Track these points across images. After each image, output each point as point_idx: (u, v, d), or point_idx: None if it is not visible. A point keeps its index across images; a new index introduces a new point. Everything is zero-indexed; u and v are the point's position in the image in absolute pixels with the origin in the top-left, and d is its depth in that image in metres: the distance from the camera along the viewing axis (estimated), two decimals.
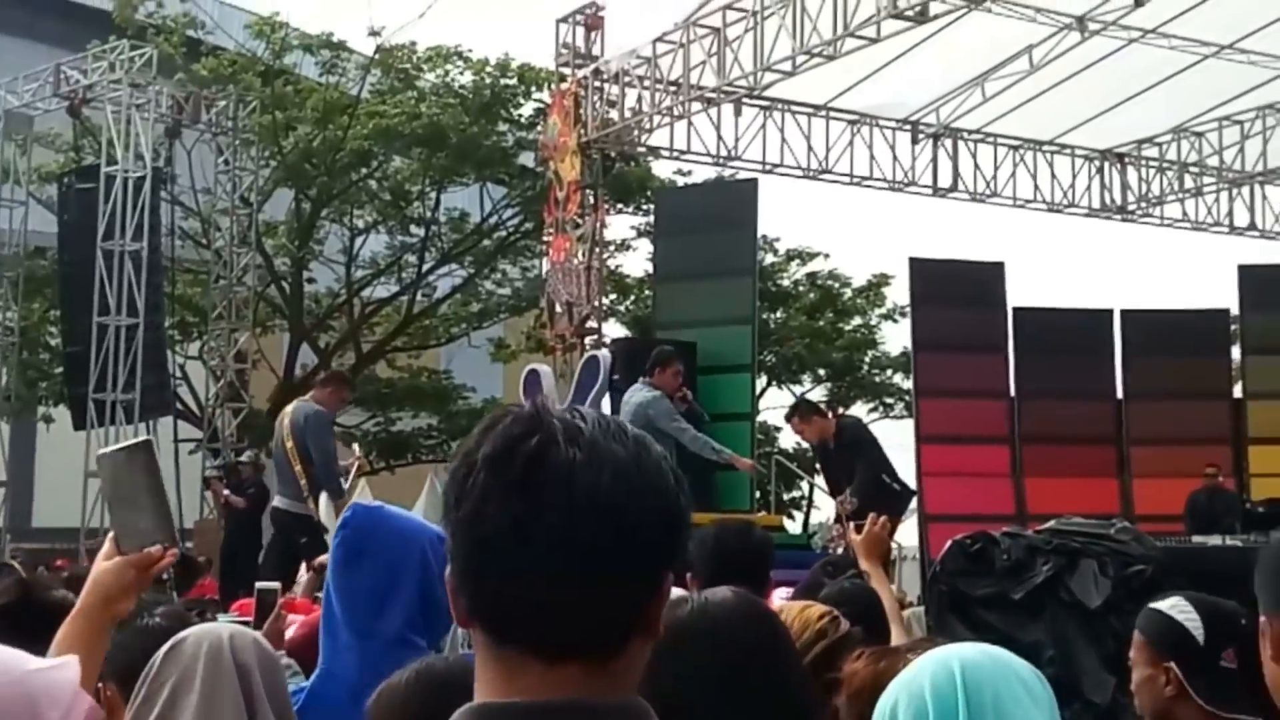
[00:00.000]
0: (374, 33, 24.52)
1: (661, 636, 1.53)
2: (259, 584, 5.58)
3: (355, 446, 14.29)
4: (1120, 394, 19.07)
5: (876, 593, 4.62)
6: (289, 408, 11.88)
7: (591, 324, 17.67)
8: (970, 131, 19.61)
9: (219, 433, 22.33)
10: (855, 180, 19.12)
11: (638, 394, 11.66)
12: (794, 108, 18.48)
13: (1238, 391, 19.80)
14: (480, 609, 1.46)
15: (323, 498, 10.79)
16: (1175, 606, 3.53)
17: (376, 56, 25.03)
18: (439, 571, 2.82)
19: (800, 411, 12.79)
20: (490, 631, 1.46)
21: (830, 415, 12.36)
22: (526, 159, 24.96)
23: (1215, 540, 11.14)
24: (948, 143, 19.64)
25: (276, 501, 11.91)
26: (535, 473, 1.43)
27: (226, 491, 16.66)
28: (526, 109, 25.43)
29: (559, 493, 1.42)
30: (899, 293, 27.80)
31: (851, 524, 4.92)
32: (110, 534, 2.48)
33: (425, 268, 26.97)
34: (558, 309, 17.60)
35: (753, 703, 2.12)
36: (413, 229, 26.89)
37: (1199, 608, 3.52)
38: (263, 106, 23.46)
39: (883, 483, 11.62)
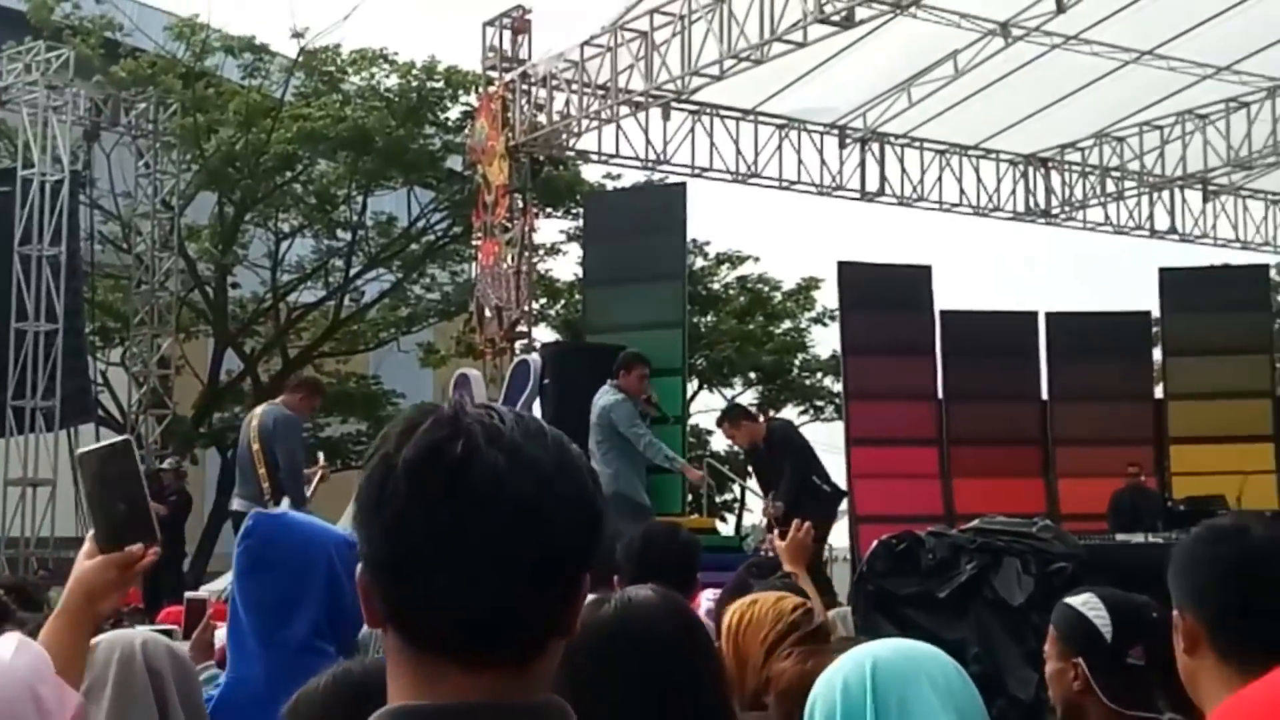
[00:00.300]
0: (297, 35, 24.39)
1: (584, 635, 1.52)
2: (188, 594, 5.56)
3: (320, 455, 14.15)
4: (1045, 395, 19.29)
5: (806, 592, 4.65)
6: (258, 410, 11.78)
7: (521, 328, 17.67)
8: (897, 136, 19.77)
9: (142, 440, 22.05)
10: (784, 184, 19.22)
11: (604, 396, 11.85)
12: (722, 112, 18.55)
13: (1159, 392, 20.09)
14: (401, 615, 1.44)
15: (284, 504, 10.72)
16: (1086, 603, 3.57)
17: (300, 59, 24.84)
18: (347, 578, 2.84)
19: (730, 417, 12.85)
20: (409, 637, 1.44)
21: (760, 419, 12.41)
22: (454, 163, 24.86)
23: (1138, 538, 11.31)
24: (875, 147, 19.78)
25: (235, 504, 11.78)
26: (460, 480, 1.41)
27: None
28: (454, 112, 25.33)
29: (486, 501, 1.40)
30: (828, 296, 27.97)
31: (775, 530, 4.94)
32: (90, 533, 2.46)
33: (352, 272, 26.73)
34: (487, 313, 17.57)
35: (672, 701, 2.12)
36: (339, 233, 26.64)
37: (1109, 604, 3.56)
38: (184, 109, 23.17)
39: (811, 485, 11.66)
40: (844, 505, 16.62)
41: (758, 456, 12.49)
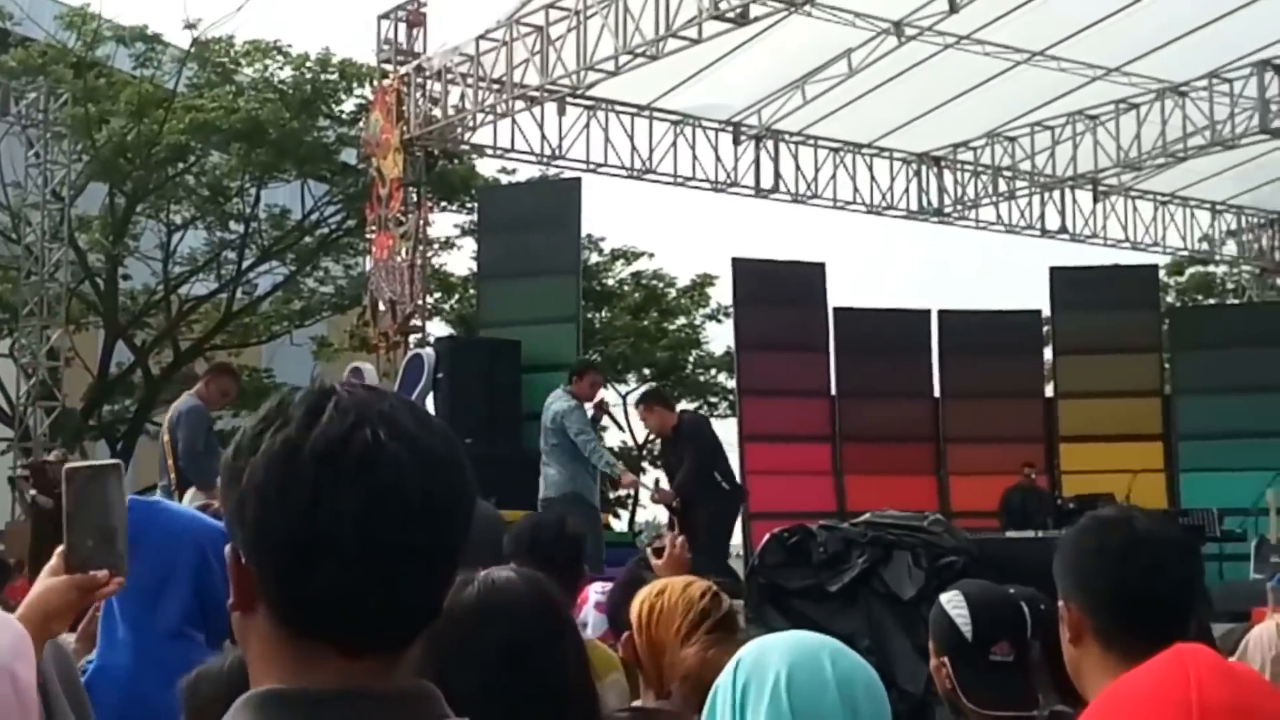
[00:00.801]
0: (190, 25, 24.13)
1: (448, 617, 1.53)
2: None
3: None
4: (937, 393, 19.47)
5: None
6: (177, 401, 11.71)
7: (415, 322, 17.53)
8: (791, 133, 19.85)
9: (31, 432, 21.69)
10: (679, 180, 19.23)
11: (557, 401, 12.04)
12: (618, 107, 18.53)
13: (1050, 391, 20.35)
14: (287, 601, 1.42)
15: (189, 492, 10.56)
16: (950, 600, 3.54)
17: (193, 50, 24.56)
18: (220, 567, 2.81)
19: (646, 400, 12.94)
20: (290, 622, 1.42)
21: (676, 409, 12.40)
22: (348, 155, 24.68)
23: (1028, 534, 11.45)
24: (769, 144, 19.85)
25: (155, 495, 11.66)
26: (367, 470, 1.40)
27: (33, 492, 16.19)
28: (348, 105, 25.21)
29: (390, 492, 1.40)
30: (722, 293, 28.08)
31: (650, 549, 4.90)
32: (59, 550, 2.40)
33: (245, 265, 26.55)
34: (381, 307, 17.44)
35: (533, 683, 2.12)
36: (232, 225, 26.45)
37: (972, 601, 3.51)
38: (75, 99, 22.83)
39: (711, 480, 11.68)
40: None
41: (665, 445, 12.51)
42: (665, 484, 12.20)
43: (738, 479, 12.62)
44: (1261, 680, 1.47)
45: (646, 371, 30.67)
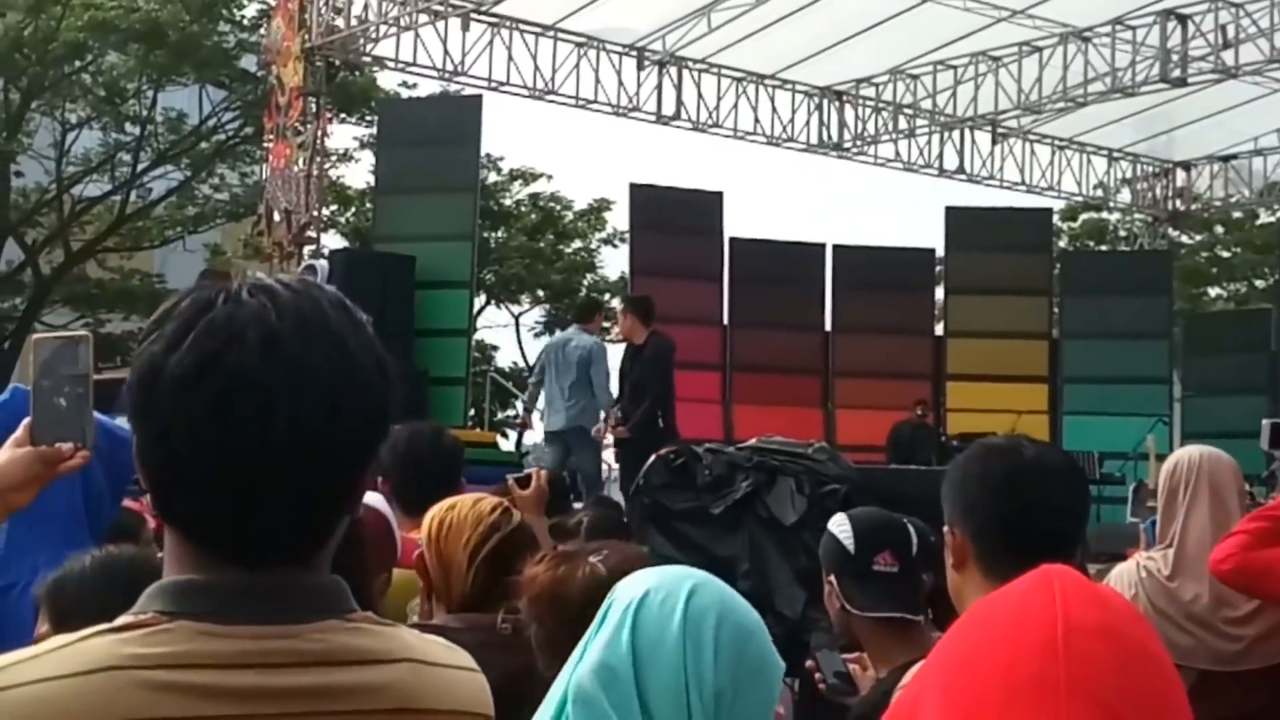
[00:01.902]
0: None
1: None
2: None
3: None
4: (829, 327, 19.60)
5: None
6: None
7: (310, 233, 17.32)
8: (695, 61, 19.77)
9: None
10: (580, 103, 19.10)
11: (581, 339, 12.31)
12: (522, 26, 18.34)
13: (940, 329, 20.56)
14: (172, 518, 1.43)
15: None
16: (836, 522, 3.60)
17: None
18: (102, 463, 2.81)
19: (626, 302, 13.12)
20: (188, 538, 1.43)
21: (647, 325, 12.17)
22: (249, 62, 24.33)
23: (913, 468, 11.58)
24: (672, 71, 19.76)
25: None
26: (229, 401, 1.36)
27: None
28: (250, 10, 24.86)
29: (254, 424, 1.36)
30: (619, 218, 28.02)
31: (514, 479, 4.84)
32: (26, 421, 2.32)
33: (140, 168, 26.15)
34: (276, 216, 17.20)
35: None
36: (128, 127, 26.04)
37: (854, 520, 3.58)
38: None
39: (653, 419, 11.65)
40: None
41: (625, 355, 12.37)
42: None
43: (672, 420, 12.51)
44: (1127, 603, 1.48)
45: (540, 293, 30.59)
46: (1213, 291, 32.30)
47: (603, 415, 12.13)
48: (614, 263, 30.25)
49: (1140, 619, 1.45)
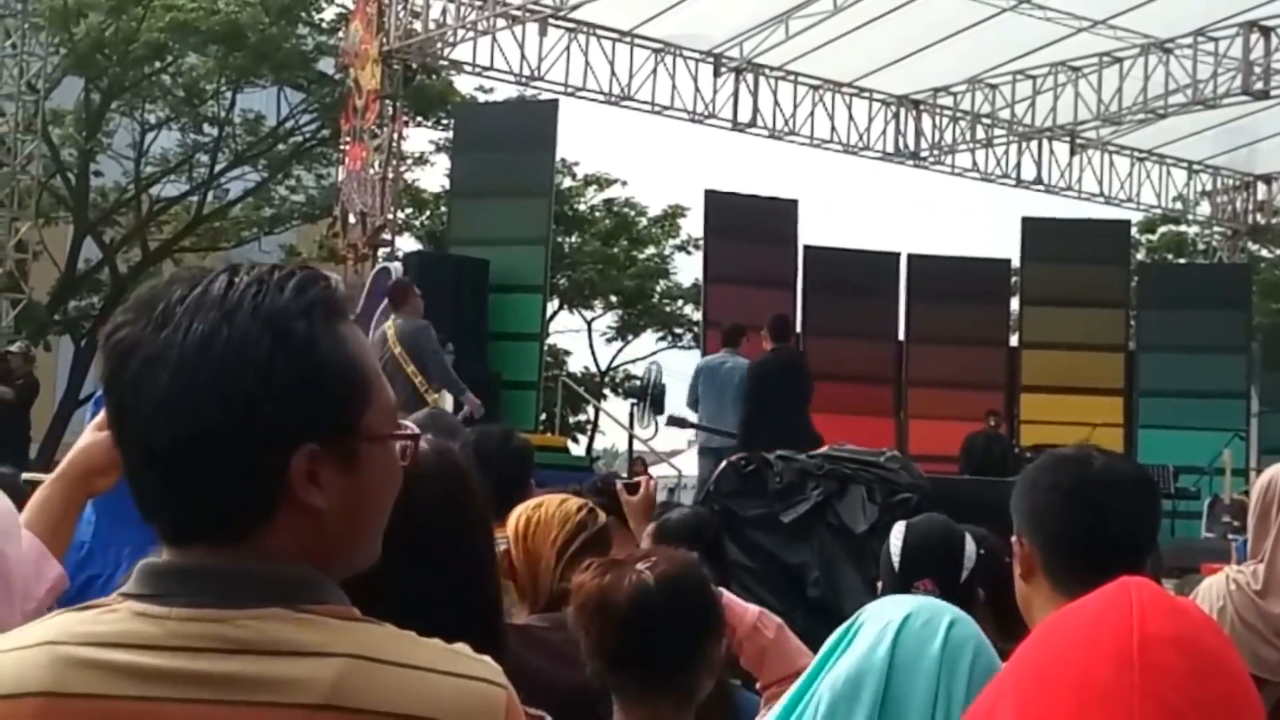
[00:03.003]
0: None
1: None
2: (26, 475, 5.41)
3: None
4: (902, 336, 19.50)
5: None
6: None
7: (385, 235, 17.46)
8: (772, 68, 19.76)
9: None
10: (656, 109, 19.14)
11: (736, 360, 12.56)
12: (599, 32, 18.40)
13: (1014, 340, 20.41)
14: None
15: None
16: (896, 530, 3.57)
17: None
18: None
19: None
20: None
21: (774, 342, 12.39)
22: (326, 65, 24.54)
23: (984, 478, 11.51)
24: (749, 78, 19.76)
25: None
26: (121, 369, 1.42)
27: None
28: (329, 13, 25.06)
29: (133, 391, 1.41)
30: (693, 224, 28.02)
31: (624, 485, 4.82)
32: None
33: (217, 168, 26.42)
34: (351, 219, 17.35)
35: (430, 555, 2.07)
36: (206, 128, 26.33)
37: (909, 532, 3.52)
38: None
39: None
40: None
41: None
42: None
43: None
44: (1205, 616, 1.47)
45: (613, 299, 30.65)
46: None
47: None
48: (687, 269, 30.27)
49: (1217, 631, 1.43)
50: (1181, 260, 29.27)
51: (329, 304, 1.45)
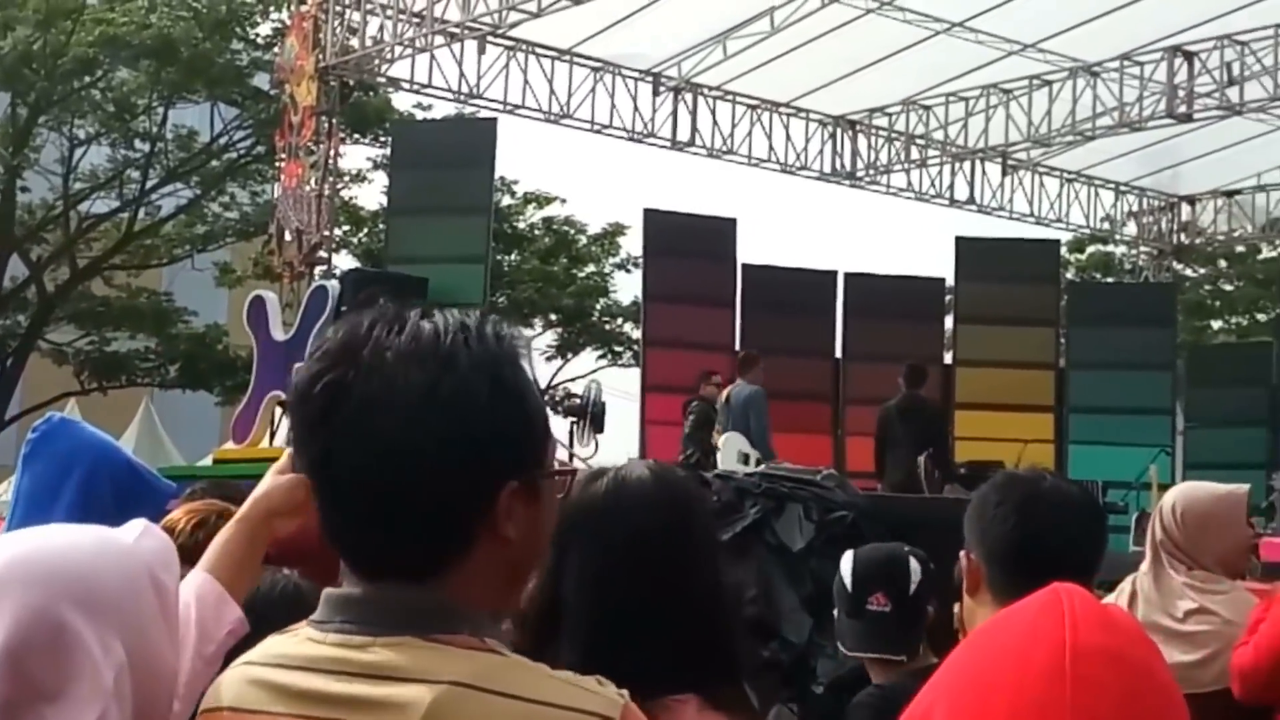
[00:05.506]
0: None
1: (575, 512, 1.71)
2: None
3: None
4: (840, 354, 19.61)
5: None
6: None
7: (321, 253, 17.35)
8: (710, 88, 19.85)
9: None
10: (595, 128, 19.17)
11: (742, 388, 13.64)
12: (538, 50, 18.42)
13: (949, 358, 20.57)
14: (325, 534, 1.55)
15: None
16: (844, 559, 3.73)
17: None
18: (113, 497, 2.96)
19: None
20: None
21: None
22: (262, 80, 24.32)
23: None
24: (688, 97, 19.84)
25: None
26: (333, 412, 1.47)
27: None
28: (264, 29, 24.83)
29: (352, 434, 1.46)
30: (633, 242, 28.01)
31: None
32: (290, 449, 2.35)
33: (149, 185, 26.05)
34: (287, 236, 17.25)
35: (652, 581, 2.07)
36: (137, 144, 25.89)
37: (856, 557, 3.73)
38: None
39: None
40: (636, 451, 16.79)
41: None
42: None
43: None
44: (1136, 626, 1.52)
45: (553, 317, 30.59)
46: (1215, 324, 32.32)
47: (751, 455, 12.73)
48: (627, 288, 30.21)
49: (1146, 641, 1.49)
50: (1109, 279, 29.59)
51: (522, 350, 1.57)
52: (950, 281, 20.89)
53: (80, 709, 1.53)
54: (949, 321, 21.47)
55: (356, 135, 24.83)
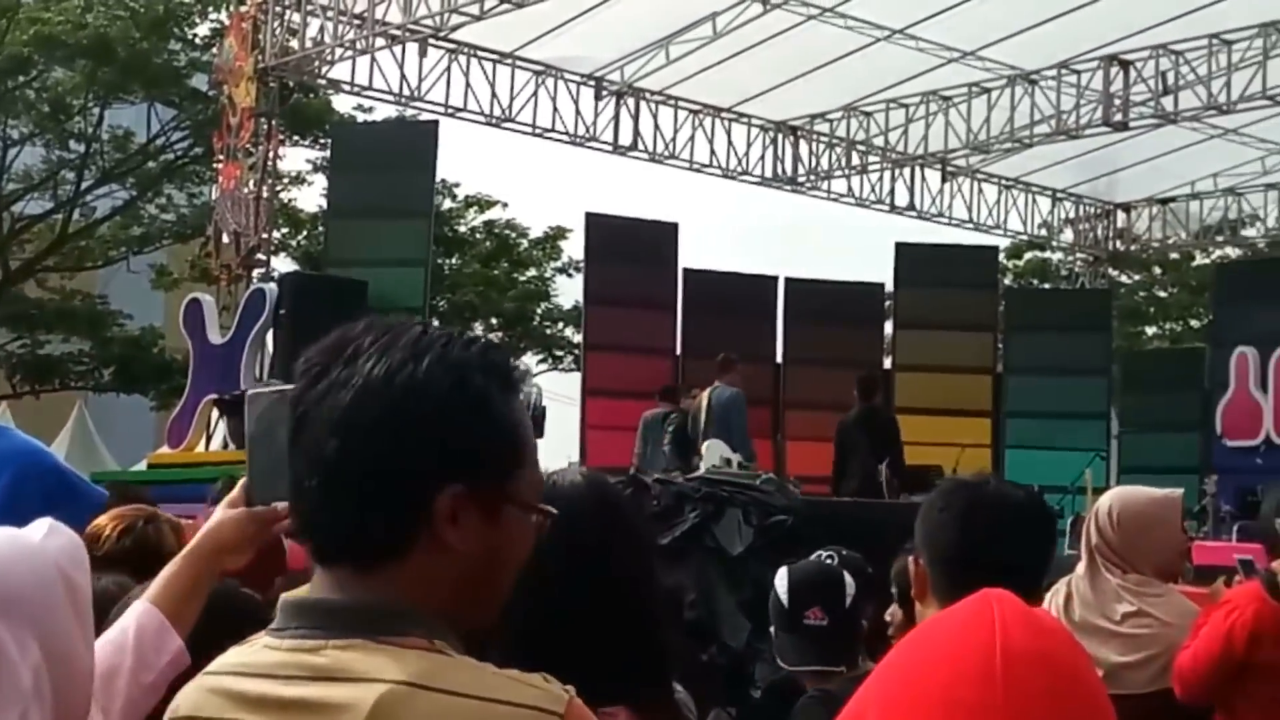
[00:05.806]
0: None
1: None
2: None
3: None
4: (780, 358, 19.68)
5: None
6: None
7: (259, 256, 17.24)
8: (652, 92, 19.86)
9: None
10: (537, 131, 19.15)
11: (721, 390, 13.65)
12: (480, 53, 18.37)
13: (888, 363, 20.69)
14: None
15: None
16: (779, 576, 3.76)
17: None
18: (40, 498, 2.94)
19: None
20: None
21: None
22: (200, 81, 24.13)
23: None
24: (630, 101, 19.85)
25: None
26: (304, 392, 1.55)
27: None
28: (202, 29, 24.64)
29: (313, 409, 1.53)
30: (574, 247, 28.01)
31: None
32: (242, 481, 2.29)
33: (84, 186, 25.78)
34: (225, 238, 17.12)
35: (586, 591, 2.06)
36: (72, 144, 25.63)
37: (791, 571, 3.77)
38: None
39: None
40: (577, 456, 16.79)
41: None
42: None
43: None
44: (1063, 629, 1.54)
45: (494, 321, 30.54)
46: (1150, 330, 32.74)
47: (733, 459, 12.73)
48: (568, 291, 30.21)
49: (1073, 644, 1.51)
50: (1046, 285, 29.86)
51: (510, 373, 1.58)
52: (890, 287, 21.01)
53: None
54: (889, 326, 21.60)
55: (296, 137, 24.71)
